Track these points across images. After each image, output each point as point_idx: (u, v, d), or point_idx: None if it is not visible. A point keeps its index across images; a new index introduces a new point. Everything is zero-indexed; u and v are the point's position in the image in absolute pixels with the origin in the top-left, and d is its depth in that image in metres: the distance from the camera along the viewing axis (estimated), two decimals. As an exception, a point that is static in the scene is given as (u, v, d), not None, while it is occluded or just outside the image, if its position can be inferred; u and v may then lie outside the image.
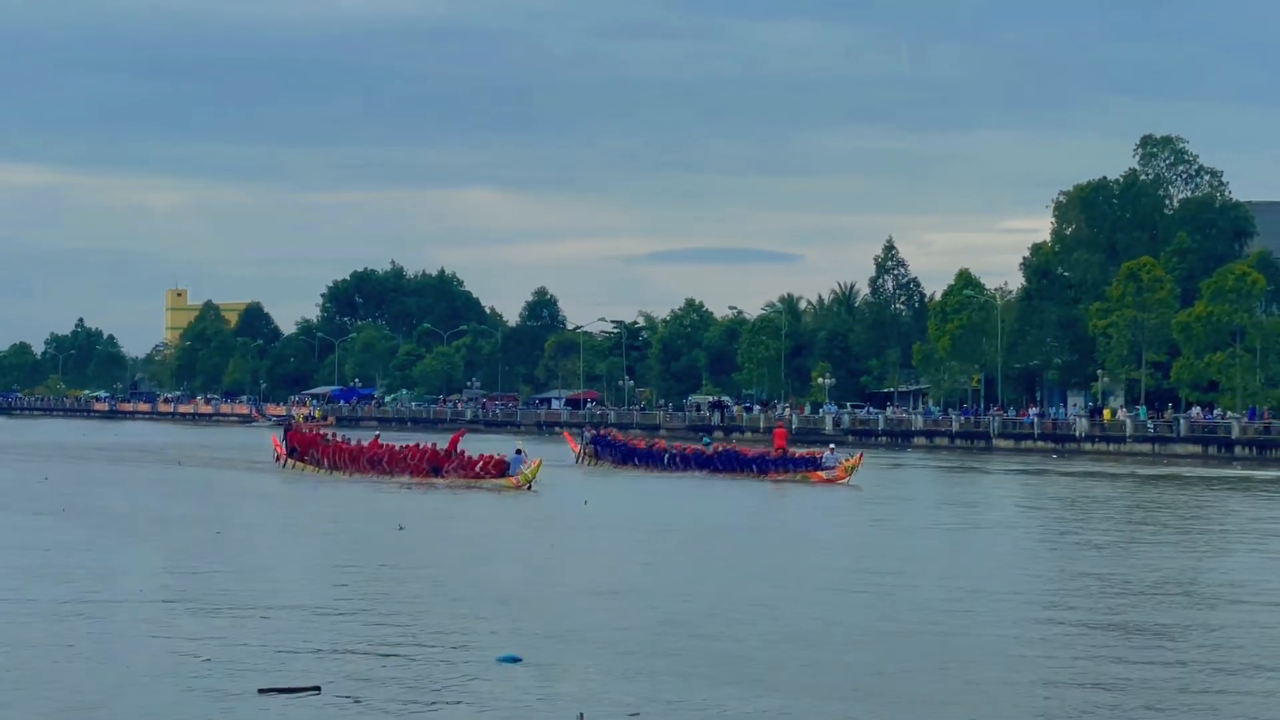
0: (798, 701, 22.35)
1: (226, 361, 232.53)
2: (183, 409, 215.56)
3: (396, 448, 76.32)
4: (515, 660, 24.84)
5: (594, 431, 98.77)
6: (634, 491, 71.54)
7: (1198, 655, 26.86)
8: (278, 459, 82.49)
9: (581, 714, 21.00)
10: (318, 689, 22.37)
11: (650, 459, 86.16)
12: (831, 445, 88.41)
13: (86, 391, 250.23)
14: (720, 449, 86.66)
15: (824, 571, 40.19)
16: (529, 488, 66.99)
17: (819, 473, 76.10)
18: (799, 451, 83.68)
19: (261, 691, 22.17)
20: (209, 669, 24.11)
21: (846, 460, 76.84)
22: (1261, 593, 35.78)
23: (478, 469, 70.35)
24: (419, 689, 22.82)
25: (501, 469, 69.21)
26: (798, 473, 77.40)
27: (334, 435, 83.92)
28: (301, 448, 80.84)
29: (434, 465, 72.27)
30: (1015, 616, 31.13)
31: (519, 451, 70.73)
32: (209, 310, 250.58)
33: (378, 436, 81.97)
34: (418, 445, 75.82)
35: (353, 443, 79.76)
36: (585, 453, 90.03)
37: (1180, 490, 74.34)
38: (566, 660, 25.23)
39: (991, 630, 29.36)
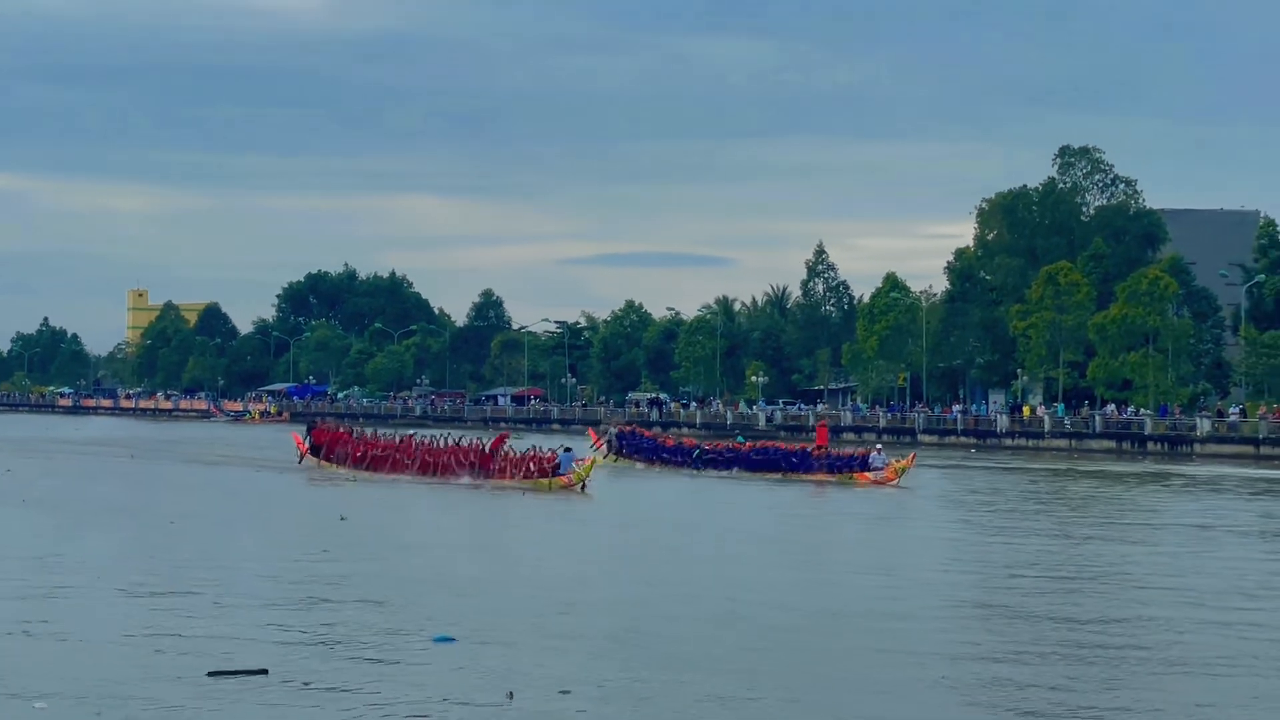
0: (725, 683, 22.53)
1: (186, 359, 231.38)
2: (143, 405, 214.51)
3: (434, 446, 71.08)
4: (449, 640, 25.03)
5: (620, 428, 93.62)
6: (638, 492, 68.03)
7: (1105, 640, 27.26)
8: (300, 458, 77.21)
9: (511, 692, 21.22)
10: (265, 671, 22.41)
11: (679, 456, 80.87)
12: (879, 445, 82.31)
13: (51, 388, 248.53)
14: (755, 446, 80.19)
15: (782, 566, 40.55)
16: (581, 488, 62.65)
17: (865, 474, 70.55)
18: (845, 451, 77.66)
19: (211, 674, 22.17)
20: (160, 652, 24.15)
21: (896, 461, 71.77)
22: (1162, 580, 36.24)
23: (528, 469, 65.23)
24: (360, 669, 22.94)
25: (553, 469, 64.24)
26: (842, 473, 71.66)
27: (363, 432, 78.83)
28: (327, 446, 75.96)
29: (478, 465, 67.34)
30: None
31: (568, 450, 66.18)
32: (169, 310, 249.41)
33: (412, 435, 77.10)
34: (459, 444, 70.53)
35: (383, 440, 75.28)
36: (610, 449, 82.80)
37: (1102, 485, 74.94)
38: (501, 642, 25.32)
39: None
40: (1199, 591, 33.78)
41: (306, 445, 77.45)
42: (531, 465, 65.24)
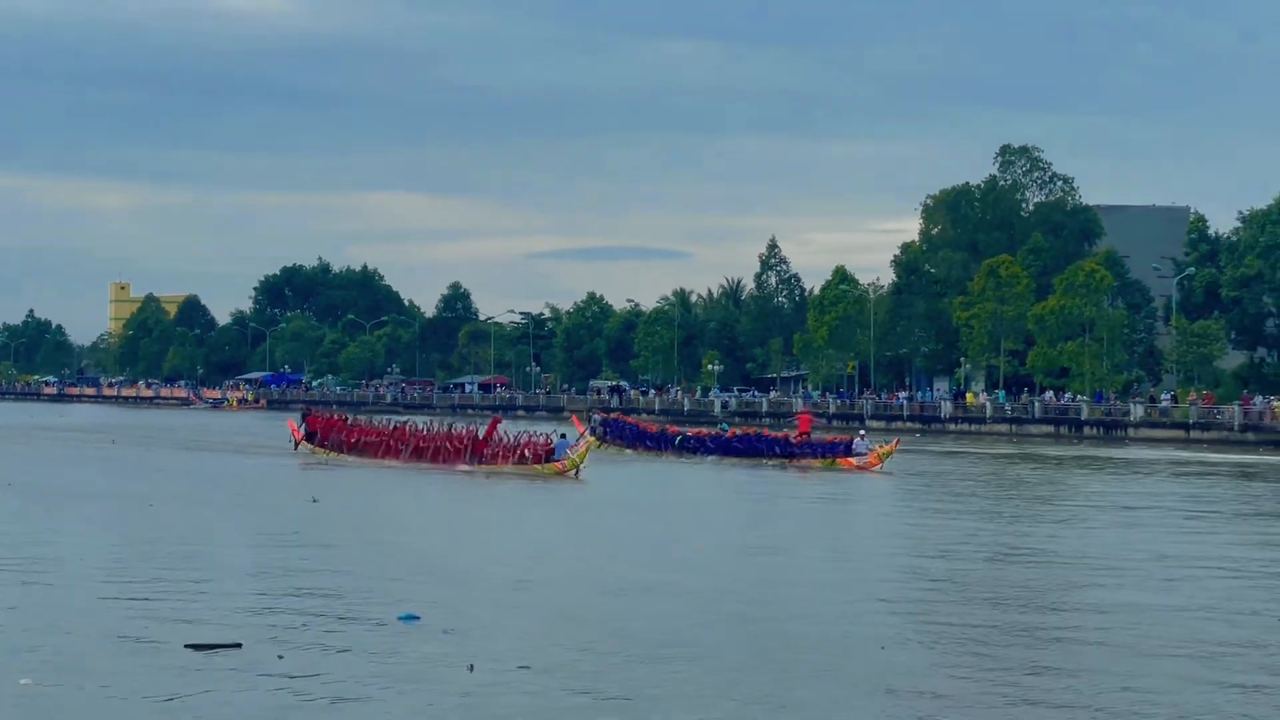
0: (675, 658, 22.71)
1: (166, 349, 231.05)
2: (125, 393, 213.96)
3: (427, 433, 69.06)
4: (414, 619, 25.15)
5: (603, 415, 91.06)
6: (621, 476, 64.99)
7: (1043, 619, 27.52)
8: (295, 445, 74.99)
9: (471, 665, 21.36)
10: (239, 645, 22.48)
11: (661, 443, 78.85)
12: (862, 431, 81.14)
13: (36, 377, 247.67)
14: (738, 433, 78.84)
15: (722, 545, 40.75)
16: (576, 473, 60.57)
17: (850, 459, 68.78)
18: (829, 436, 76.16)
19: (188, 646, 22.23)
20: (142, 627, 24.21)
21: (880, 446, 70.04)
22: (1095, 558, 36.54)
23: (523, 455, 62.99)
24: (328, 644, 23.00)
25: (547, 454, 62.34)
26: (826, 459, 69.90)
27: (357, 419, 76.43)
28: (322, 432, 73.81)
29: (472, 451, 65.04)
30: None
31: (564, 436, 64.43)
32: (150, 302, 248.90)
33: (407, 422, 74.62)
34: (452, 430, 68.57)
35: (378, 427, 72.99)
36: (594, 435, 75.85)
37: (1040, 468, 75.31)
38: (465, 619, 25.40)
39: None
40: (1128, 572, 34.09)
41: (301, 432, 75.46)
42: (526, 451, 63.22)
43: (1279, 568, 35.13)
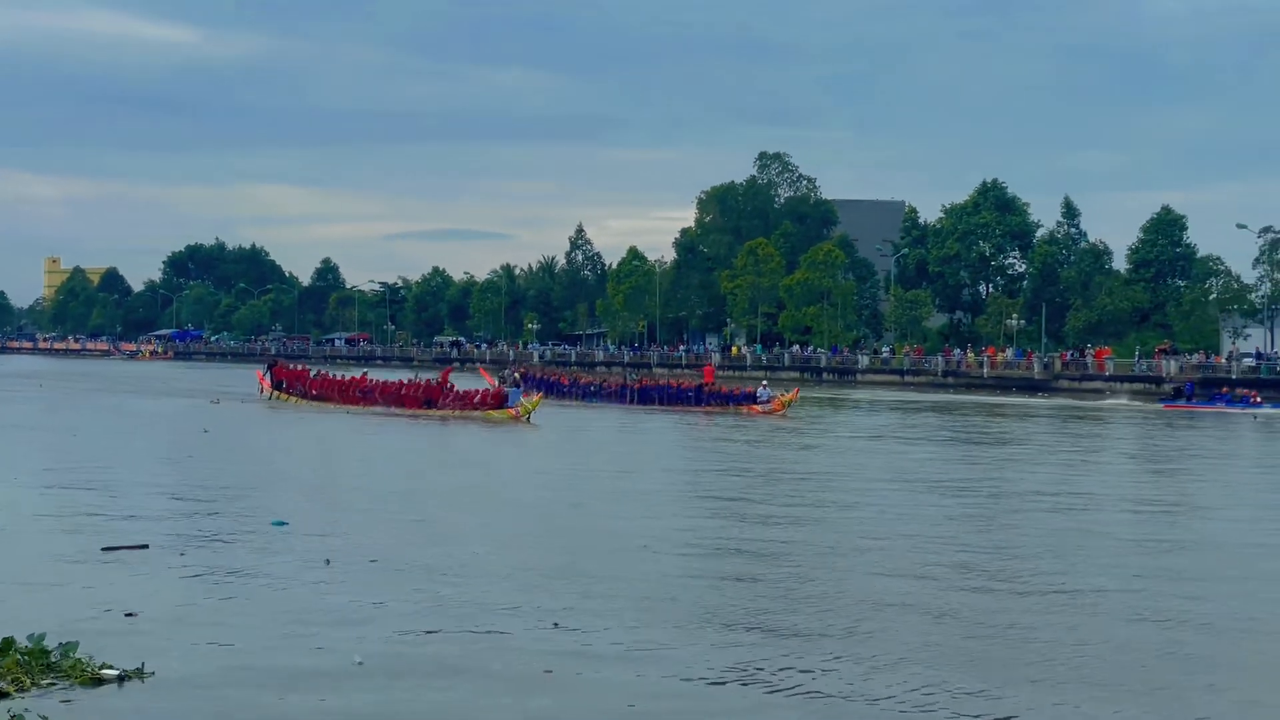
0: (496, 553, 22.90)
1: (91, 311, 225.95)
2: (57, 346, 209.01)
3: (385, 383, 63.54)
4: (283, 524, 25.04)
5: (518, 371, 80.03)
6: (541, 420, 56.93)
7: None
8: (262, 391, 69.74)
9: (328, 559, 21.37)
10: (146, 546, 22.30)
11: (573, 392, 71.77)
12: (764, 382, 74.39)
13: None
14: (645, 383, 71.19)
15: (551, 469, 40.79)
16: (527, 419, 55.22)
17: (755, 406, 63.26)
18: (737, 388, 68.66)
19: (104, 549, 21.98)
20: (64, 533, 23.89)
21: (782, 395, 64.84)
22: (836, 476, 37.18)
23: (475, 402, 58.25)
24: (216, 543, 22.86)
25: (500, 401, 57.52)
26: (734, 406, 64.21)
27: (320, 371, 70.72)
28: (288, 382, 68.29)
29: (428, 398, 60.11)
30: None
31: (515, 385, 60.58)
32: (78, 273, 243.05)
33: (365, 373, 69.08)
34: (412, 380, 63.35)
35: (339, 377, 67.80)
36: (505, 386, 65.09)
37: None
38: (326, 526, 25.31)
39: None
40: (847, 482, 34.78)
41: (269, 381, 69.62)
42: (478, 399, 58.50)
43: (957, 476, 36.13)
